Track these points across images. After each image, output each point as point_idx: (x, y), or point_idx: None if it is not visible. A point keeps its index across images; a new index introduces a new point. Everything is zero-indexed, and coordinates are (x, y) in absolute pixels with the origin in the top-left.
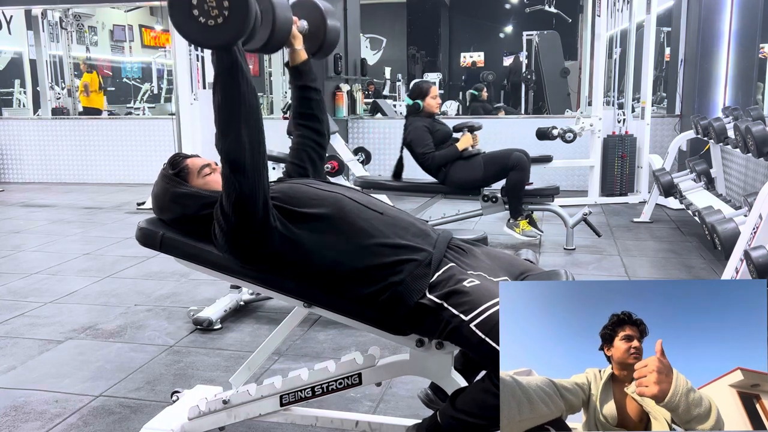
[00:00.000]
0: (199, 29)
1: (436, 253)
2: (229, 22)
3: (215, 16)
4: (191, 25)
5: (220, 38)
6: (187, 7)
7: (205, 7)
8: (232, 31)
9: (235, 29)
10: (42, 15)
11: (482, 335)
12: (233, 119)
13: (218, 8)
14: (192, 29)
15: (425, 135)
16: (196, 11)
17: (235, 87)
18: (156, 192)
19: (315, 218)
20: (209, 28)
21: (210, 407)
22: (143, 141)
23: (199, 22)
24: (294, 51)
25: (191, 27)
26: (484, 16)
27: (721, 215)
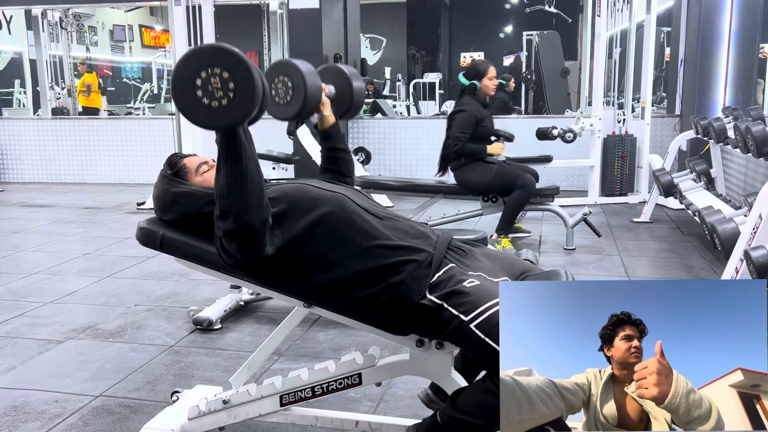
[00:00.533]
0: (203, 111)
1: (437, 254)
2: (234, 103)
3: (220, 97)
4: (195, 106)
5: (224, 120)
6: (191, 89)
7: (209, 88)
8: (237, 113)
9: (241, 111)
10: (42, 15)
11: (482, 335)
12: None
13: (223, 90)
14: (196, 111)
15: (470, 124)
16: (200, 92)
17: (239, 169)
18: (156, 194)
19: (316, 220)
20: (213, 110)
21: (210, 407)
22: (143, 141)
23: (203, 104)
24: (323, 117)
25: (195, 109)
26: (484, 16)
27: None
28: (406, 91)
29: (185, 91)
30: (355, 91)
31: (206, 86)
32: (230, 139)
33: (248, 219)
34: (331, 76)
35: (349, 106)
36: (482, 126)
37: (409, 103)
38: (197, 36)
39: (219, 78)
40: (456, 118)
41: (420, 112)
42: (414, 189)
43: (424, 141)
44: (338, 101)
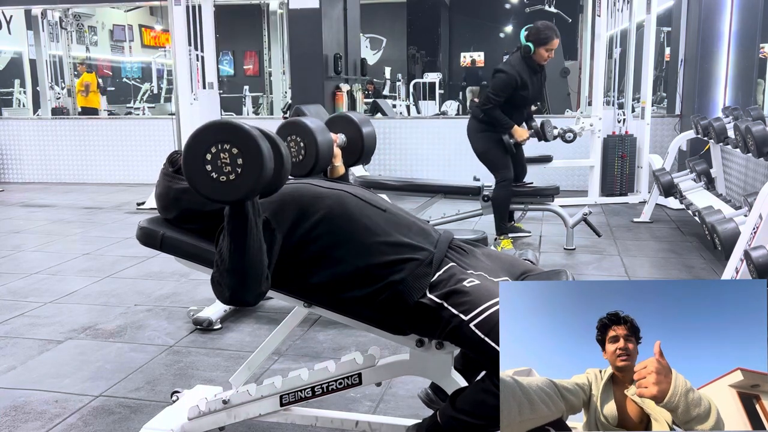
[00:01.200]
0: (211, 184)
1: (438, 253)
2: (242, 178)
3: (228, 172)
4: (204, 180)
5: (231, 194)
6: (201, 163)
7: (218, 163)
8: (244, 188)
9: (249, 185)
10: (42, 15)
11: (482, 335)
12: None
13: (232, 165)
14: (204, 184)
15: (508, 87)
16: (209, 167)
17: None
18: (159, 192)
19: (317, 220)
20: (221, 184)
21: (210, 407)
22: (143, 141)
23: (211, 178)
24: (333, 167)
25: (204, 182)
26: (484, 16)
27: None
28: (406, 91)
29: (195, 166)
30: (365, 139)
31: (216, 161)
32: (238, 214)
33: (244, 296)
34: (341, 126)
35: (361, 153)
36: (521, 93)
37: (409, 103)
38: (197, 36)
39: (228, 154)
40: (496, 77)
41: (420, 112)
42: (414, 189)
43: (424, 141)
44: (349, 150)
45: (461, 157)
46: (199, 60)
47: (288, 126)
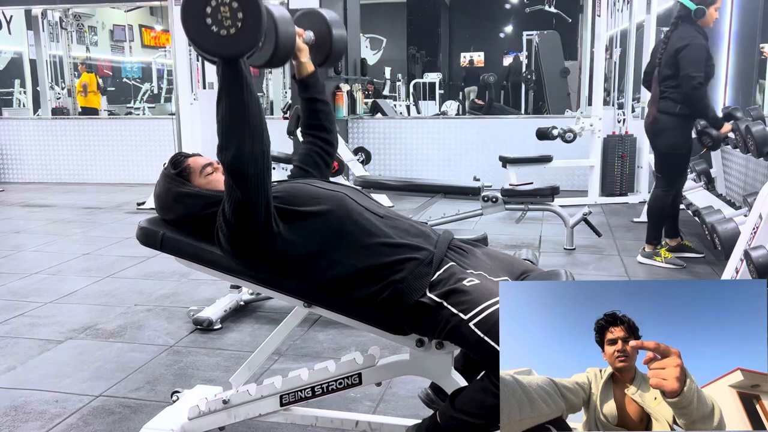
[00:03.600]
0: (210, 38)
1: (437, 252)
2: (242, 33)
3: (228, 26)
4: (203, 32)
5: (230, 49)
6: (201, 15)
7: (219, 16)
8: (243, 43)
9: (247, 41)
10: (42, 15)
11: (481, 334)
12: (237, 131)
13: (232, 19)
14: (203, 37)
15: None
16: (210, 20)
17: (240, 99)
18: (158, 192)
19: (316, 216)
20: (221, 38)
21: (210, 407)
22: (143, 141)
23: (211, 31)
24: (300, 64)
25: (203, 35)
26: (484, 16)
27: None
28: (406, 91)
29: (195, 18)
30: (334, 39)
31: (216, 14)
32: (234, 71)
33: (251, 148)
34: (311, 22)
35: (329, 53)
36: (709, 65)
37: (409, 103)
38: None
39: (228, 8)
40: (684, 54)
41: (420, 112)
42: (414, 189)
43: (424, 141)
44: (317, 48)
45: (461, 157)
46: (199, 60)
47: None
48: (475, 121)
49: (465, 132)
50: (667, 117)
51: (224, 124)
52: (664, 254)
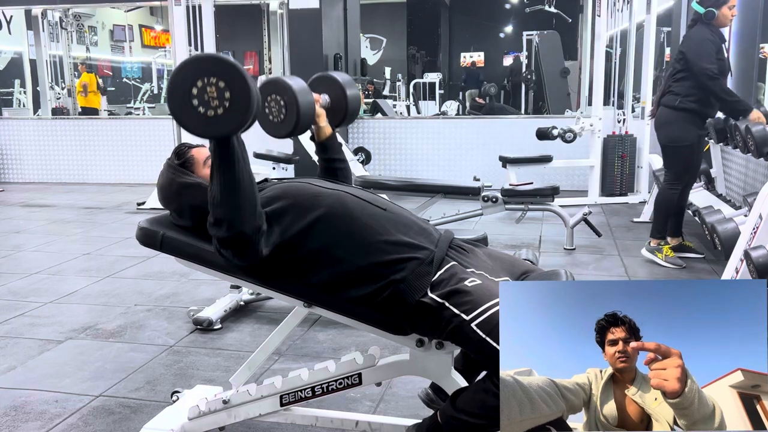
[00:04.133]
0: (198, 119)
1: (438, 252)
2: (230, 113)
3: (215, 106)
4: (190, 114)
5: (219, 129)
6: (187, 97)
7: (205, 97)
8: (232, 123)
9: (236, 121)
10: (42, 15)
11: (483, 335)
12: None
13: (219, 99)
14: (190, 119)
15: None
16: (196, 101)
17: (232, 177)
18: (161, 182)
19: (316, 220)
20: (208, 119)
21: (210, 407)
22: (143, 141)
23: (198, 112)
24: (319, 128)
25: (190, 116)
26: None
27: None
28: (406, 91)
29: (181, 99)
30: (349, 99)
31: (202, 95)
32: (224, 148)
33: (241, 227)
34: (325, 86)
35: (345, 114)
36: (719, 59)
37: (409, 103)
38: (197, 36)
39: (215, 87)
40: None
41: (420, 112)
42: (414, 189)
43: (424, 141)
44: (333, 111)
45: (461, 157)
46: None
47: (268, 85)
48: (475, 121)
49: (465, 132)
50: (668, 110)
51: (215, 200)
52: (666, 251)
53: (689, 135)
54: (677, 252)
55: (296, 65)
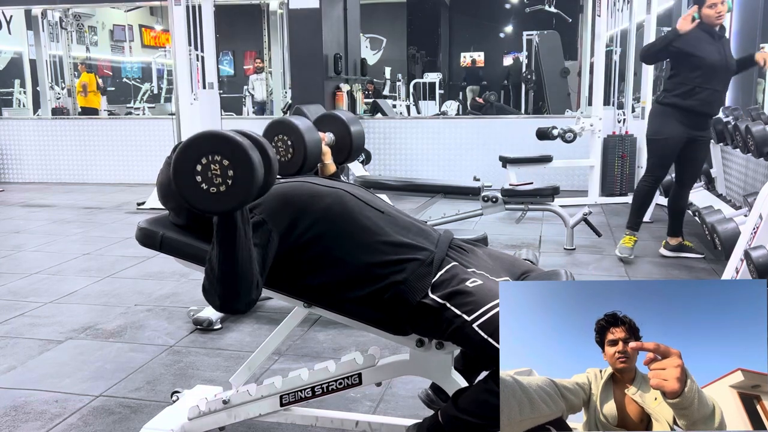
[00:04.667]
0: (202, 196)
1: (439, 252)
2: (233, 190)
3: (218, 183)
4: (194, 191)
5: (222, 205)
6: (191, 174)
7: (209, 174)
8: (235, 199)
9: (239, 197)
10: (42, 15)
11: (485, 335)
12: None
13: (222, 177)
14: (195, 195)
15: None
16: (200, 177)
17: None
18: (161, 180)
19: (315, 220)
20: (212, 195)
21: (210, 407)
22: (143, 141)
23: (202, 189)
24: (324, 166)
25: (194, 193)
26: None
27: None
28: (406, 91)
29: (186, 176)
30: (353, 136)
31: (206, 173)
32: (227, 224)
33: (235, 305)
34: (329, 124)
35: (350, 151)
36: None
37: (409, 103)
38: (197, 36)
39: (219, 165)
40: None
41: (420, 112)
42: (414, 189)
43: (424, 141)
44: (338, 148)
45: (461, 157)
46: (199, 60)
47: (275, 125)
48: (475, 121)
49: (465, 132)
50: (654, 105)
51: (213, 271)
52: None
53: (666, 129)
54: (677, 252)
55: (296, 65)
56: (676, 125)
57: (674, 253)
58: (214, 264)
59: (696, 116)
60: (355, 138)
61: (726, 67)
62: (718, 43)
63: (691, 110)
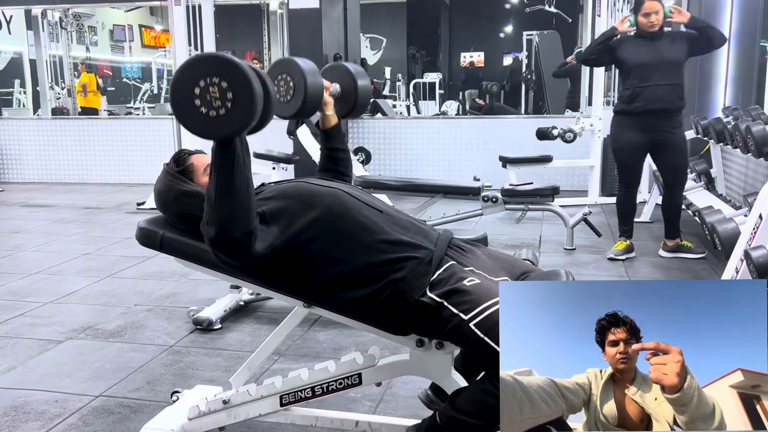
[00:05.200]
0: (200, 120)
1: (437, 251)
2: (233, 114)
3: (218, 107)
4: (193, 115)
5: (221, 130)
6: (190, 96)
7: (207, 97)
8: (234, 124)
9: (239, 122)
10: (42, 15)
11: (481, 335)
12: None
13: (221, 99)
14: (193, 120)
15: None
16: (198, 101)
17: (229, 179)
18: (159, 188)
19: (314, 220)
20: (211, 120)
21: (210, 407)
22: (143, 141)
23: (200, 113)
24: (325, 116)
25: (192, 117)
26: (484, 16)
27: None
28: (406, 91)
29: (184, 100)
30: (359, 90)
31: (204, 96)
32: (225, 150)
33: (231, 231)
34: (337, 75)
35: (354, 105)
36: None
37: (409, 103)
38: (197, 36)
39: (218, 88)
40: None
41: (420, 112)
42: (414, 189)
43: (424, 141)
44: (343, 100)
45: (461, 157)
46: None
47: (279, 63)
48: (475, 121)
49: (465, 132)
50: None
51: (210, 200)
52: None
53: (621, 138)
54: (675, 252)
55: None
56: (628, 132)
57: (672, 254)
58: (212, 192)
59: (647, 116)
60: (361, 93)
61: (661, 61)
62: (655, 43)
63: (638, 112)
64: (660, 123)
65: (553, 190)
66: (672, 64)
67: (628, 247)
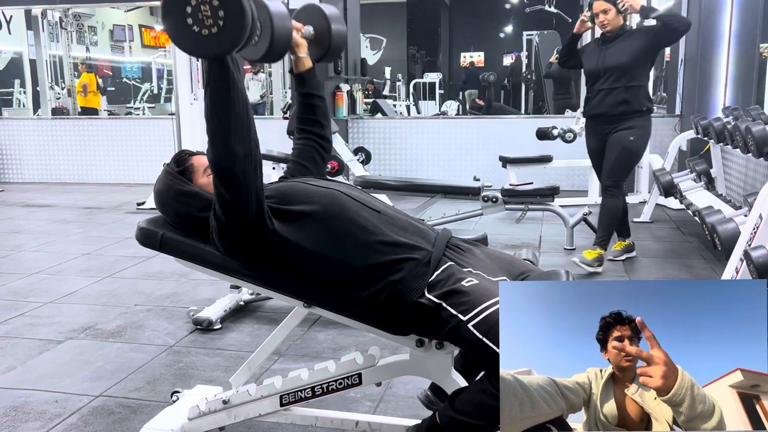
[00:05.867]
0: (192, 38)
1: (436, 252)
2: (224, 32)
3: (210, 25)
4: (184, 33)
5: (213, 49)
6: (181, 16)
7: (199, 15)
8: (226, 42)
9: (230, 40)
10: (42, 15)
11: (480, 335)
12: (222, 130)
13: (213, 17)
14: (185, 38)
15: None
16: (190, 20)
17: (225, 98)
18: (159, 188)
19: (311, 215)
20: (203, 38)
21: (210, 407)
22: (143, 141)
23: (192, 31)
24: (298, 59)
25: (184, 35)
26: (484, 16)
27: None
28: (406, 91)
29: (175, 18)
30: (334, 34)
31: (196, 14)
32: (219, 68)
33: (233, 146)
34: (311, 16)
35: (327, 48)
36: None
37: (409, 103)
38: None
39: (209, 6)
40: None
41: (420, 112)
42: (414, 189)
43: (424, 141)
44: (316, 44)
45: (461, 157)
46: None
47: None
48: (475, 121)
49: (465, 132)
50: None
51: (209, 122)
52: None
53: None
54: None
55: None
56: (587, 137)
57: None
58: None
59: (594, 120)
60: (336, 36)
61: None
62: (606, 47)
63: (588, 116)
64: (604, 127)
65: (553, 190)
66: (614, 69)
67: (627, 247)
